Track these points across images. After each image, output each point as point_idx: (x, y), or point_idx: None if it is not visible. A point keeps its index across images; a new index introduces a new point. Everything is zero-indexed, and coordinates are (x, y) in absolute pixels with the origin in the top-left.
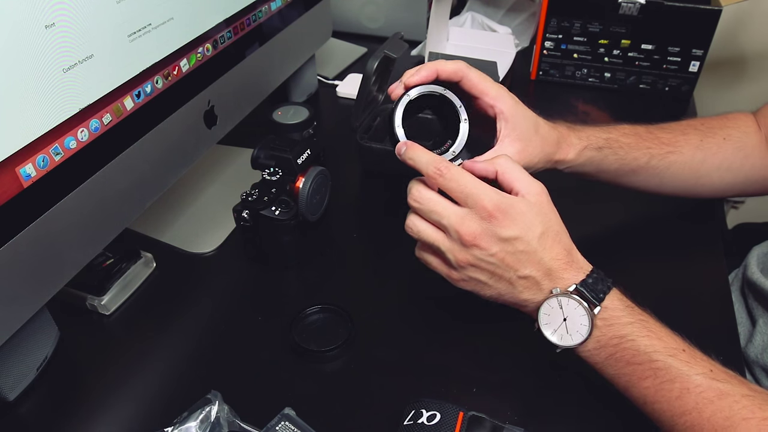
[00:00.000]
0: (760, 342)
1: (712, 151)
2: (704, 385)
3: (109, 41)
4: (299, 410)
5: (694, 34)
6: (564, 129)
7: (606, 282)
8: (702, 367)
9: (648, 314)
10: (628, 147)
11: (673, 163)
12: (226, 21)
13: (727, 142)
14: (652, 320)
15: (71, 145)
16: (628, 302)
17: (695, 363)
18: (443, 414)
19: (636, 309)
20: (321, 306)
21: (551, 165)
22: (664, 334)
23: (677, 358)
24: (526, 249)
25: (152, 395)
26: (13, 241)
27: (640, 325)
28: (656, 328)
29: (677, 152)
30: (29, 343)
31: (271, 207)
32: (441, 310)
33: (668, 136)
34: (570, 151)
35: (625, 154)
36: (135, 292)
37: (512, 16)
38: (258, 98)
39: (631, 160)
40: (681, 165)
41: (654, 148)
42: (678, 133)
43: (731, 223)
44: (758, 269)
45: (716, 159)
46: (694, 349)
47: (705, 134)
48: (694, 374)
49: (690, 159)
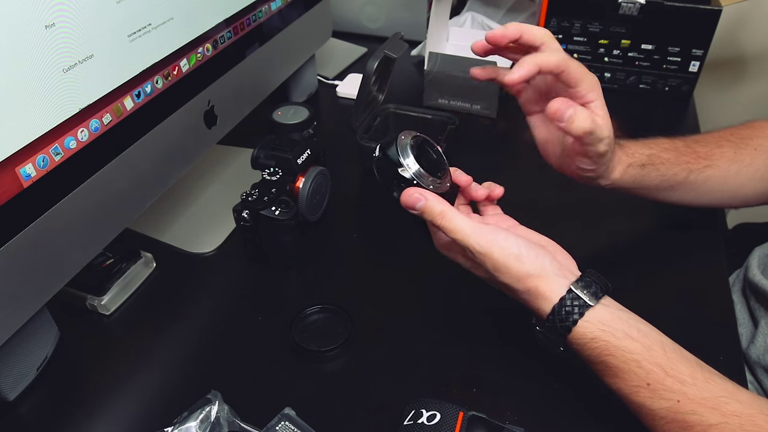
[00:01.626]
0: (762, 343)
1: (746, 163)
2: (668, 417)
3: (109, 41)
4: (299, 410)
5: (694, 34)
6: (616, 142)
7: (571, 316)
8: (666, 400)
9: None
10: (668, 163)
11: (710, 177)
12: (226, 21)
13: (758, 152)
14: (616, 354)
15: (71, 145)
16: (590, 340)
17: (659, 397)
18: (443, 414)
19: (599, 345)
20: (321, 306)
21: (600, 177)
22: (626, 371)
23: (639, 395)
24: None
25: (152, 395)
26: (13, 241)
27: (601, 367)
28: (619, 366)
29: (714, 166)
30: (29, 343)
31: (271, 207)
32: (441, 310)
33: (704, 150)
34: (617, 168)
35: (666, 170)
36: (135, 292)
37: (512, 16)
38: (258, 98)
39: (671, 176)
40: (717, 178)
41: (692, 162)
42: (713, 146)
43: (731, 223)
44: (759, 270)
45: (750, 170)
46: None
47: (738, 146)
48: (658, 408)
49: (726, 172)
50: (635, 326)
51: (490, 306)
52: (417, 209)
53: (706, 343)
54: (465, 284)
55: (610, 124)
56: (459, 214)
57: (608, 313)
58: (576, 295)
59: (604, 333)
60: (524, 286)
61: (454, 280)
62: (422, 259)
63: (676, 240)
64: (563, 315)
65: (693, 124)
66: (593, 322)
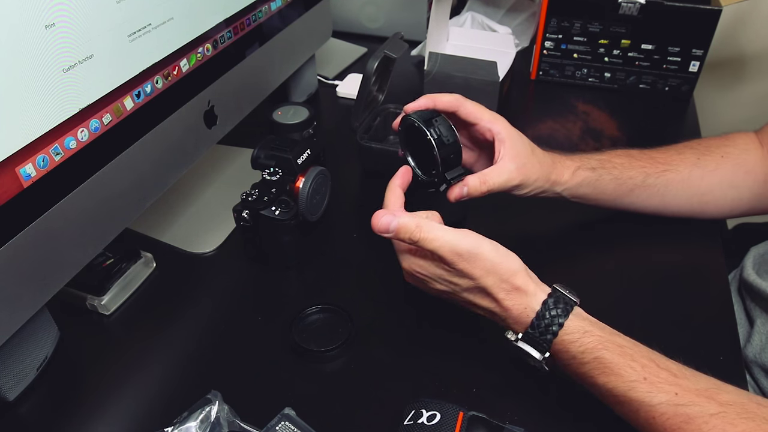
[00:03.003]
0: (758, 342)
1: (710, 168)
2: (669, 412)
3: (109, 41)
4: (299, 410)
5: (694, 34)
6: (557, 154)
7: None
8: (666, 393)
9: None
10: (621, 167)
11: (671, 181)
12: (226, 21)
13: (726, 159)
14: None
15: (71, 145)
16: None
17: (658, 390)
18: (443, 414)
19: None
20: (321, 306)
21: (549, 185)
22: (623, 365)
23: (638, 391)
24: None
25: (152, 395)
26: (13, 241)
27: (594, 364)
28: (615, 360)
29: (673, 170)
30: (29, 343)
31: (271, 207)
32: (441, 310)
33: (663, 156)
34: (565, 172)
35: (619, 173)
36: (135, 292)
37: (512, 16)
38: (258, 98)
39: (627, 179)
40: (680, 182)
41: (648, 167)
42: (673, 153)
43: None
44: (754, 270)
45: (715, 175)
46: (659, 371)
47: (702, 153)
48: (657, 403)
49: (687, 176)
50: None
51: None
52: (390, 231)
53: (705, 343)
54: None
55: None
56: (434, 223)
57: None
58: (561, 294)
59: (595, 327)
60: (510, 285)
61: None
62: None
63: (676, 240)
64: (555, 309)
65: (693, 124)
66: (582, 317)
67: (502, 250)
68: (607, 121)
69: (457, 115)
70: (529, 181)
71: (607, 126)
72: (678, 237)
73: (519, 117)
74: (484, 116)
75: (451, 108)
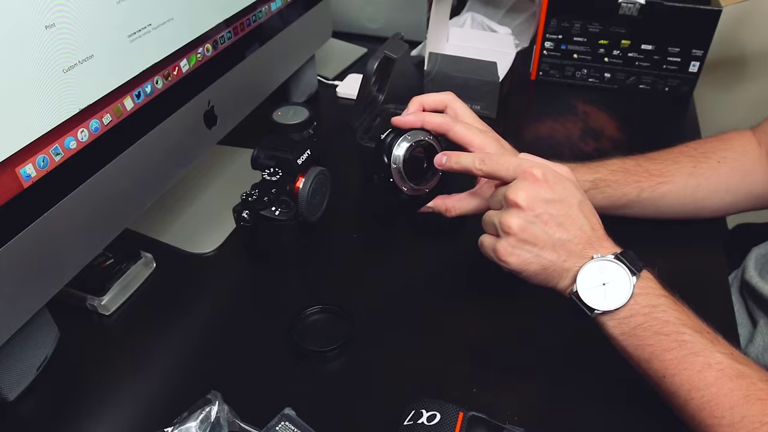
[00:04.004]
0: (760, 342)
1: (706, 176)
2: (725, 363)
3: (109, 41)
4: (299, 410)
5: (694, 34)
6: None
7: (639, 260)
8: (724, 347)
9: (676, 295)
10: (616, 184)
11: (665, 194)
12: (226, 21)
13: (722, 164)
14: (680, 300)
15: (71, 145)
16: (659, 280)
17: (718, 343)
18: (443, 414)
19: (666, 288)
20: (321, 306)
21: None
22: (691, 313)
23: (703, 335)
24: (568, 212)
25: (152, 395)
26: (13, 241)
27: (671, 300)
28: (685, 307)
29: (669, 182)
30: (29, 343)
31: (271, 207)
32: (441, 310)
33: (658, 167)
34: None
35: (612, 192)
36: (135, 292)
37: (512, 16)
38: (258, 98)
39: (621, 196)
40: (675, 194)
41: (643, 181)
42: (669, 163)
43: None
44: (756, 272)
45: (712, 183)
46: (717, 333)
47: (698, 160)
48: (717, 352)
49: (683, 187)
50: None
51: (491, 306)
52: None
53: None
54: (465, 284)
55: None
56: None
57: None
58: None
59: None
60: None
61: (454, 280)
62: (423, 259)
63: (676, 240)
64: (633, 257)
65: (693, 124)
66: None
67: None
68: (607, 121)
69: (447, 136)
70: None
71: (607, 126)
72: (678, 237)
73: (519, 117)
74: (475, 141)
75: (440, 130)
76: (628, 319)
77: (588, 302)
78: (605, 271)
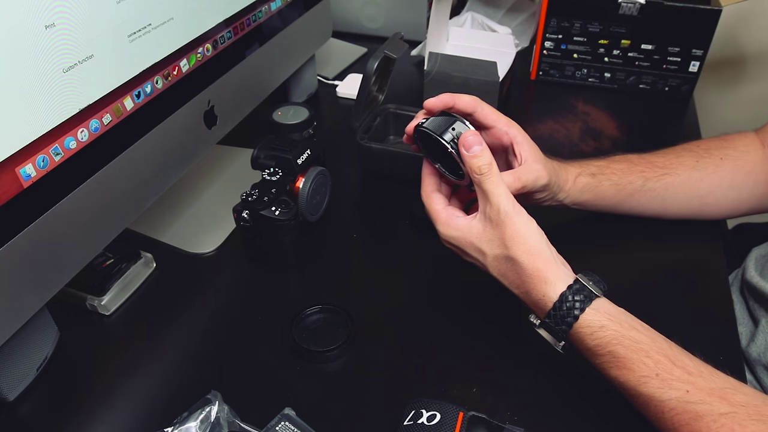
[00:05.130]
0: (762, 341)
1: (709, 171)
2: (678, 408)
3: (109, 41)
4: (299, 410)
5: (694, 34)
6: (558, 161)
7: (580, 303)
8: (676, 390)
9: (625, 328)
10: (620, 172)
11: (670, 185)
12: (226, 21)
13: (725, 161)
14: (625, 343)
15: (71, 145)
16: (598, 328)
17: (669, 387)
18: (443, 414)
19: (608, 333)
20: (321, 306)
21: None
22: (635, 361)
23: (648, 386)
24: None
25: (152, 395)
26: (13, 241)
27: (608, 358)
28: (628, 355)
29: (673, 173)
30: (29, 343)
31: (271, 207)
32: (441, 310)
33: (662, 160)
34: (569, 178)
35: (618, 179)
36: (135, 292)
37: (512, 16)
38: (258, 98)
39: (626, 184)
40: (679, 185)
41: (647, 171)
42: (672, 156)
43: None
44: (756, 272)
45: (715, 177)
46: (673, 368)
47: (701, 155)
48: (667, 399)
49: (687, 179)
50: (637, 320)
51: (491, 306)
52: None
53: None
54: (465, 284)
55: (536, 159)
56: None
57: (612, 306)
58: (582, 285)
59: (612, 322)
60: (533, 265)
61: (454, 280)
62: (422, 260)
63: (676, 240)
64: (572, 302)
65: (693, 124)
66: (600, 311)
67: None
68: (607, 121)
69: (473, 117)
70: (551, 183)
71: (607, 126)
72: (678, 237)
73: (519, 117)
74: (501, 120)
75: (468, 109)
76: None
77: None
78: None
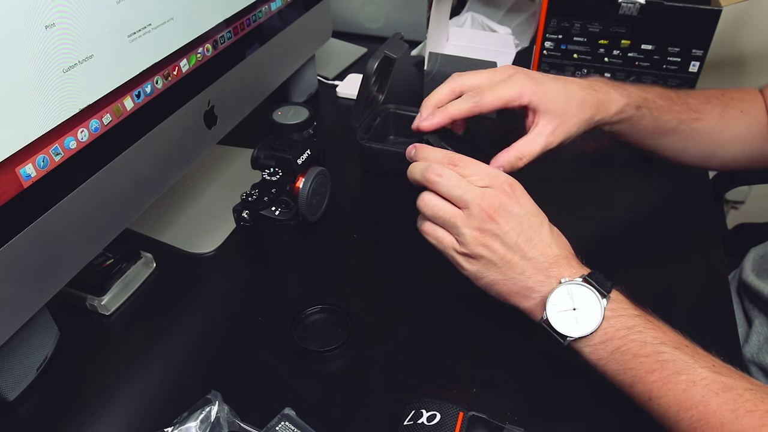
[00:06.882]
0: (756, 342)
1: (731, 123)
2: (709, 378)
3: (109, 41)
4: (299, 410)
5: (694, 34)
6: (603, 86)
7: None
8: (705, 361)
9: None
10: (661, 109)
11: (697, 131)
12: (226, 21)
13: (744, 115)
14: (654, 316)
15: (71, 145)
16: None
17: (699, 357)
18: (443, 414)
19: (638, 306)
20: (321, 306)
21: (593, 125)
22: (668, 329)
23: (683, 351)
24: (538, 231)
25: (152, 395)
26: (13, 241)
27: (645, 319)
28: (660, 323)
29: (702, 119)
30: (29, 343)
31: (271, 207)
32: (441, 310)
33: (695, 102)
34: (612, 108)
35: (659, 115)
36: (135, 292)
37: (512, 16)
38: (258, 98)
39: (664, 123)
40: (704, 133)
41: (683, 113)
42: (703, 101)
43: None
44: (753, 272)
45: (733, 131)
46: (695, 345)
47: (726, 105)
48: (700, 367)
49: (712, 128)
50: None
51: (491, 306)
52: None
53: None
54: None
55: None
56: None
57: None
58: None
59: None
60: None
61: (454, 280)
62: (422, 259)
63: (676, 240)
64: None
65: None
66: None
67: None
68: None
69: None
70: (570, 135)
71: None
72: (678, 237)
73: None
74: (507, 96)
75: (470, 115)
76: (603, 344)
77: (559, 329)
78: (574, 296)
